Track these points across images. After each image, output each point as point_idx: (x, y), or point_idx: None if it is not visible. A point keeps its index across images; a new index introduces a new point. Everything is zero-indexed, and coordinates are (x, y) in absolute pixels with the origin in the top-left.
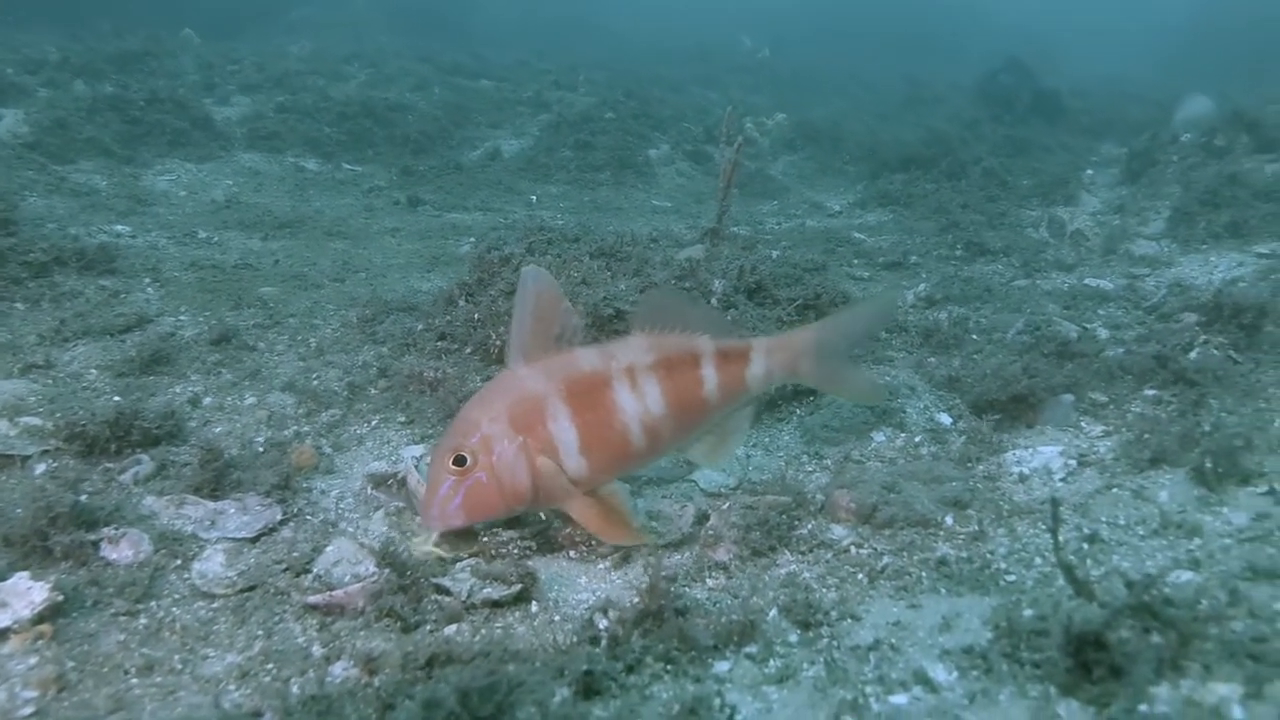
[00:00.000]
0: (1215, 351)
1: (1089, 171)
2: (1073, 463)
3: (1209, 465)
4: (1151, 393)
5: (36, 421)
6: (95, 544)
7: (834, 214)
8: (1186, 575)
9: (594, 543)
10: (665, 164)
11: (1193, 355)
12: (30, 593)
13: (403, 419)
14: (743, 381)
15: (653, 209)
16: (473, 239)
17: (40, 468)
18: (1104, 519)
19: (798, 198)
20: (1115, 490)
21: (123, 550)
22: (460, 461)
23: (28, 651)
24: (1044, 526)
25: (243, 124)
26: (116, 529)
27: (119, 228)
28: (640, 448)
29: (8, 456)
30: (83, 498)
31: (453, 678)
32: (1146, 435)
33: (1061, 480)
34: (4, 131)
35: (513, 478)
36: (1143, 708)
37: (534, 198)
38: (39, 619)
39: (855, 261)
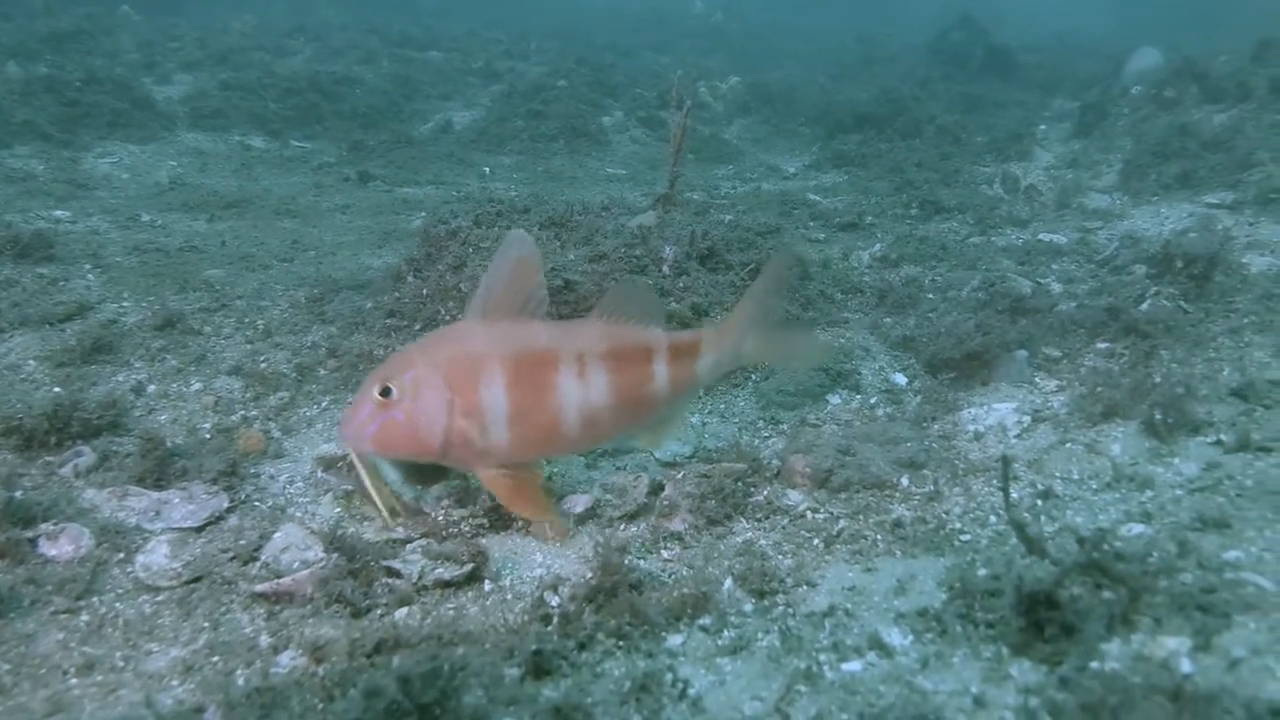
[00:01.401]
0: (1166, 302)
1: (1042, 126)
2: (1027, 419)
3: (1159, 417)
4: (1104, 345)
5: None
6: (33, 541)
7: (789, 176)
8: (1138, 528)
9: None
10: (619, 131)
11: (1144, 307)
12: None
13: (353, 399)
14: (693, 374)
15: (607, 177)
16: (425, 214)
17: None
18: (1058, 474)
19: (753, 161)
20: (1069, 445)
21: (62, 546)
22: (386, 393)
23: None
24: (998, 485)
25: (185, 103)
26: (55, 524)
27: (57, 213)
28: (573, 434)
29: None
30: (18, 494)
31: (395, 664)
32: (1099, 389)
33: (1016, 437)
34: None
35: (428, 428)
36: (1094, 665)
37: (487, 169)
38: None
39: (811, 223)
